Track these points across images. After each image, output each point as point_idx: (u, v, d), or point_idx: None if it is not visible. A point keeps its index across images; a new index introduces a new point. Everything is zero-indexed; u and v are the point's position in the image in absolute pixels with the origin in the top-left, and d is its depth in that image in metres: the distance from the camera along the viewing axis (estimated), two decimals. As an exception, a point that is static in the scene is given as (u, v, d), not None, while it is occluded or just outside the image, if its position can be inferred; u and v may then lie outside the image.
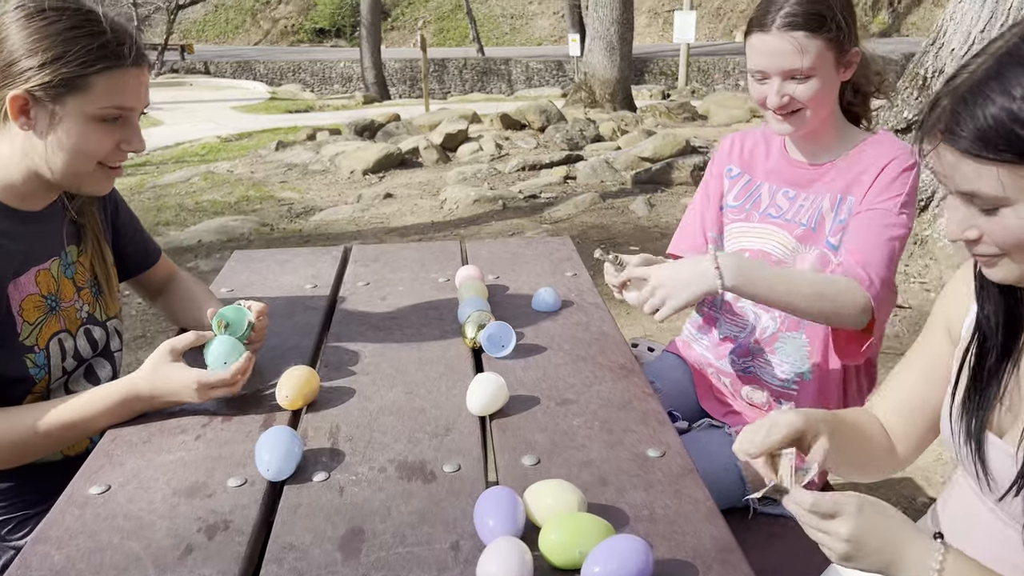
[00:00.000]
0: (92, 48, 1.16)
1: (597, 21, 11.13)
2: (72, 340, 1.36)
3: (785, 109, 1.47)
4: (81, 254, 1.41)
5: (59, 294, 1.34)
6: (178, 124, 12.69)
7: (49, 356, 1.31)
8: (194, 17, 31.56)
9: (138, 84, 1.24)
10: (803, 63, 1.41)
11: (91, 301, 1.42)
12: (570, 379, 1.36)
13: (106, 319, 1.45)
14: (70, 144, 1.19)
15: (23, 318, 1.27)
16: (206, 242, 5.37)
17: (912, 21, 22.50)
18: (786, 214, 1.60)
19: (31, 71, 1.15)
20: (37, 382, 1.30)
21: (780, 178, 1.63)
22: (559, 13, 26.08)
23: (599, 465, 1.11)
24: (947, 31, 4.52)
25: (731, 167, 1.72)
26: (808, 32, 1.40)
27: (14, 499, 1.33)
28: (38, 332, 1.30)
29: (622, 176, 6.73)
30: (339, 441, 1.19)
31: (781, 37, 1.41)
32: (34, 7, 1.17)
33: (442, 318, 1.63)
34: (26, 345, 1.27)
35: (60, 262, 1.35)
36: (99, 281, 1.44)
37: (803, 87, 1.43)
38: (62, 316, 1.35)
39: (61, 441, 1.24)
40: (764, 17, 1.43)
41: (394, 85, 21.94)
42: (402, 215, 5.96)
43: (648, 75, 20.01)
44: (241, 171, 8.16)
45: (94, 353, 1.42)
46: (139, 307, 4.06)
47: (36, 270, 1.30)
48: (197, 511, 1.03)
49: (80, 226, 1.41)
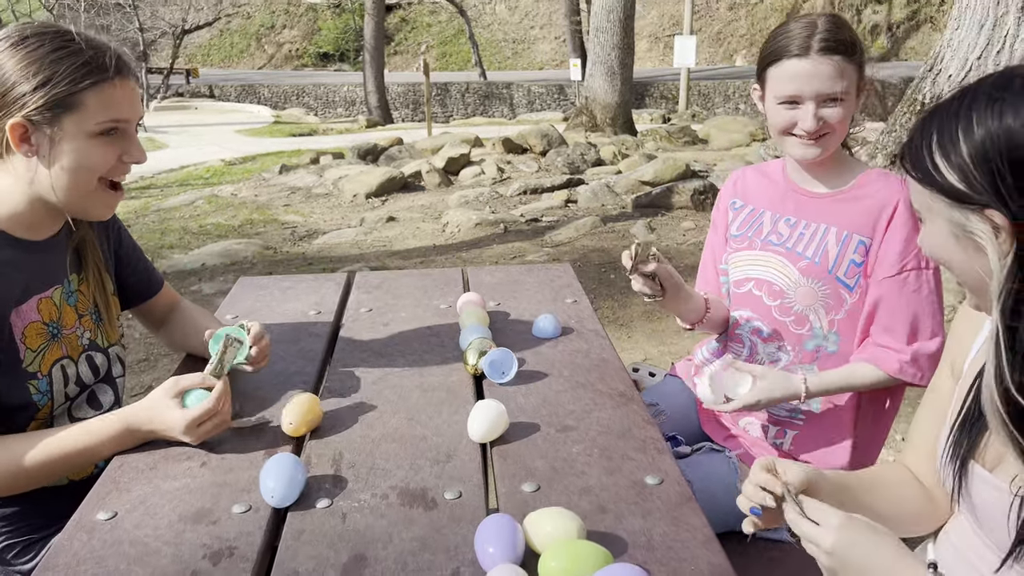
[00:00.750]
0: (77, 66, 1.19)
1: (598, 46, 11.25)
2: (74, 366, 1.39)
3: (817, 133, 1.49)
4: (82, 282, 1.43)
5: (61, 321, 1.36)
6: (183, 147, 12.79)
7: (52, 382, 1.33)
8: (199, 42, 31.87)
9: (127, 95, 1.26)
10: (839, 87, 1.46)
11: (92, 328, 1.44)
12: (570, 406, 1.38)
13: (107, 345, 1.47)
14: (73, 163, 1.22)
15: (26, 345, 1.29)
16: (210, 265, 5.40)
17: (911, 46, 22.68)
18: (787, 242, 1.62)
19: (25, 96, 1.18)
20: (40, 408, 1.32)
21: (781, 206, 1.65)
22: (560, 38, 26.33)
23: (598, 492, 1.13)
24: (944, 57, 4.58)
25: (735, 200, 1.76)
26: (844, 56, 1.46)
27: (19, 524, 1.35)
28: (40, 359, 1.32)
29: (623, 200, 6.77)
30: (342, 468, 1.21)
31: (822, 61, 1.45)
32: (17, 36, 1.21)
33: (444, 345, 1.65)
34: (29, 372, 1.30)
35: (62, 290, 1.38)
36: (99, 309, 1.46)
37: (834, 111, 1.47)
38: (64, 343, 1.37)
39: (63, 470, 1.26)
40: (800, 43, 1.47)
41: (397, 109, 22.11)
42: (404, 238, 6.00)
43: (649, 99, 20.17)
44: (245, 194, 8.22)
45: (96, 379, 1.44)
46: (142, 331, 4.08)
47: (38, 298, 1.33)
48: (202, 537, 1.05)
49: (81, 255, 1.44)
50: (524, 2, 29.29)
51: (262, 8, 32.44)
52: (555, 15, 26.80)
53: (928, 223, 0.94)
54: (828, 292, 1.56)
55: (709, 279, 1.82)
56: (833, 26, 1.47)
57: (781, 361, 1.64)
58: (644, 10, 24.50)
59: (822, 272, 1.56)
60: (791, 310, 1.60)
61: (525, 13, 29.15)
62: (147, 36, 22.42)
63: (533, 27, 28.79)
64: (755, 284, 1.66)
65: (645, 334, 3.90)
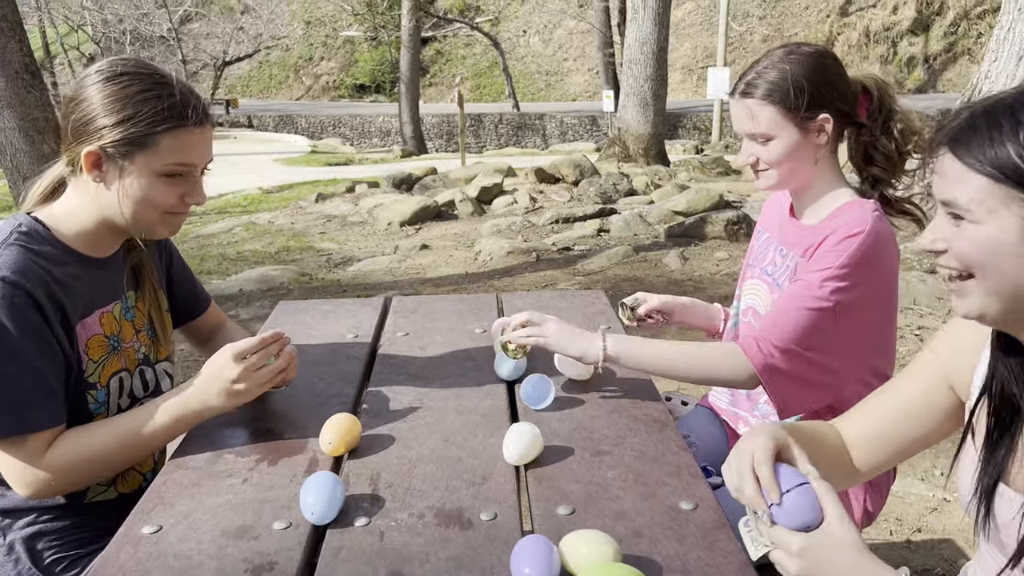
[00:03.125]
0: (160, 109, 1.26)
1: (631, 78, 11.34)
2: (131, 379, 1.45)
3: (753, 167, 1.58)
4: (139, 299, 1.50)
5: (120, 335, 1.43)
6: (222, 176, 13.07)
7: (109, 393, 1.39)
8: (239, 73, 32.66)
9: (201, 142, 1.33)
10: (756, 127, 1.52)
11: (147, 343, 1.51)
12: (604, 431, 1.39)
13: (157, 361, 1.53)
14: (137, 196, 1.30)
15: (88, 356, 1.35)
16: (247, 291, 5.50)
17: (948, 78, 22.50)
18: (776, 272, 1.65)
19: (105, 129, 1.25)
20: (95, 416, 1.37)
21: (781, 235, 1.69)
22: (594, 70, 26.54)
23: (633, 517, 1.13)
24: (982, 89, 4.55)
25: (761, 229, 1.80)
26: (758, 100, 1.51)
27: (68, 538, 1.39)
28: (100, 370, 1.38)
29: (655, 229, 6.78)
30: (380, 487, 1.22)
31: (738, 104, 1.55)
32: (111, 72, 1.28)
33: (479, 369, 1.67)
34: (89, 382, 1.36)
35: (121, 305, 1.44)
36: (155, 325, 1.53)
37: (764, 149, 1.54)
38: (123, 355, 1.43)
39: (134, 454, 1.34)
40: (735, 84, 1.57)
41: (431, 139, 22.41)
42: (437, 266, 6.06)
43: (682, 130, 20.21)
44: (282, 222, 8.37)
45: (145, 393, 1.49)
46: (180, 353, 4.16)
47: (101, 312, 1.39)
48: (244, 552, 1.07)
49: (138, 273, 1.51)
50: (558, 35, 29.62)
51: (301, 41, 33.19)
52: (588, 47, 27.06)
53: (987, 222, 0.84)
54: None
55: None
56: (762, 68, 1.52)
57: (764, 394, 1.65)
58: (677, 42, 24.66)
59: None
60: None
61: (559, 46, 29.47)
62: (189, 68, 23.05)
63: (566, 59, 29.08)
64: (752, 313, 1.71)
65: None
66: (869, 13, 24.04)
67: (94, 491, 1.41)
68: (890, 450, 1.16)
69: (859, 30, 23.72)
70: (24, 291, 1.22)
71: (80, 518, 1.39)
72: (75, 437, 1.29)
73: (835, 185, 1.59)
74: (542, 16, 30.15)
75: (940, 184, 0.88)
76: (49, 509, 1.37)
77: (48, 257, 1.29)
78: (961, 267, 0.88)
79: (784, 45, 1.57)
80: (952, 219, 0.88)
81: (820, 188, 1.58)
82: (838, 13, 24.69)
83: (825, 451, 1.14)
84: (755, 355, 1.45)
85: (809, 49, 1.54)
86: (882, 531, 2.50)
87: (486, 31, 26.19)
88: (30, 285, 1.23)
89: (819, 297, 1.44)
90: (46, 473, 1.25)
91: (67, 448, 1.27)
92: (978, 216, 0.84)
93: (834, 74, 1.53)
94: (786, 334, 1.45)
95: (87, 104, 1.27)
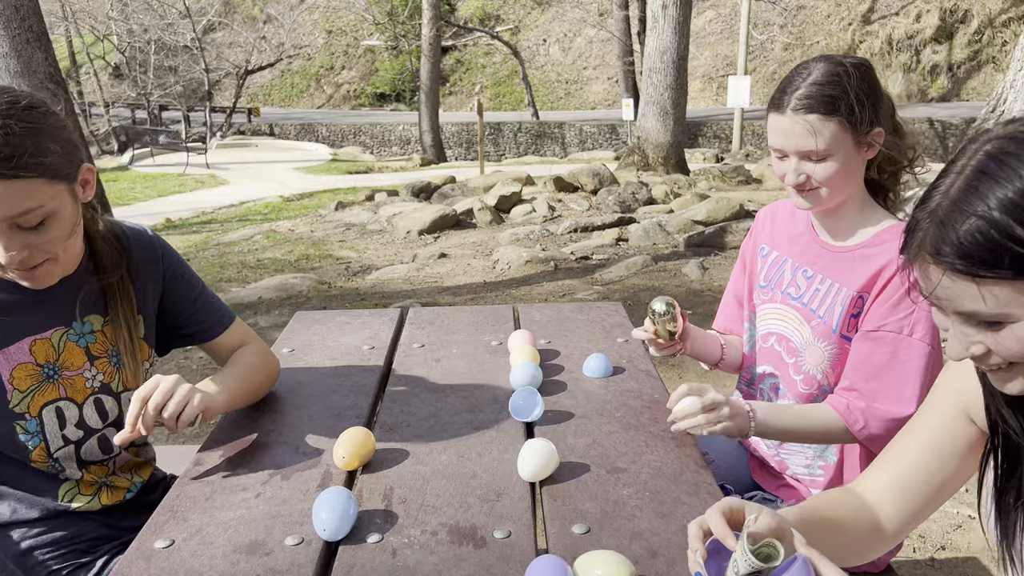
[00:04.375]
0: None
1: (651, 86, 11.31)
2: (77, 409, 1.37)
3: (803, 188, 1.47)
4: (105, 324, 1.42)
5: (60, 363, 1.36)
6: (243, 184, 13.18)
7: (43, 424, 1.34)
8: (261, 82, 32.98)
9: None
10: (817, 145, 1.41)
11: (109, 370, 1.42)
12: (621, 447, 1.37)
13: (122, 390, 1.43)
14: None
15: (13, 386, 1.30)
16: (266, 299, 5.53)
17: (972, 86, 22.26)
18: (803, 297, 1.58)
19: None
20: (32, 449, 1.32)
21: (802, 255, 1.61)
22: (613, 78, 26.53)
23: (649, 537, 1.12)
24: (1007, 99, 4.49)
25: (763, 246, 1.72)
26: (821, 115, 1.40)
27: (60, 550, 1.37)
28: (30, 399, 1.32)
29: (675, 239, 6.74)
30: (393, 503, 1.21)
31: (794, 119, 1.42)
32: None
33: (495, 382, 1.65)
34: (16, 412, 1.31)
35: (65, 332, 1.37)
36: (120, 352, 1.43)
37: (820, 167, 1.43)
38: (62, 384, 1.36)
39: None
40: (780, 98, 1.45)
41: (451, 148, 22.48)
42: (455, 275, 6.06)
43: (702, 138, 20.13)
44: (302, 230, 8.42)
45: (105, 423, 1.41)
46: (199, 360, 4.18)
47: (32, 339, 1.33)
48: (256, 568, 1.07)
49: (108, 297, 1.42)
50: (578, 43, 29.66)
51: (322, 50, 33.46)
52: (608, 56, 27.06)
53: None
54: (834, 351, 1.52)
55: (729, 314, 1.80)
56: (816, 80, 1.41)
57: None
58: (697, 51, 24.58)
59: (828, 332, 1.52)
60: (801, 368, 1.58)
61: (578, 54, 29.49)
62: (212, 76, 23.31)
63: (586, 68, 29.09)
64: (776, 339, 1.64)
65: (697, 375, 3.85)
66: (892, 21, 23.84)
67: (77, 500, 1.38)
68: (920, 500, 1.09)
69: (882, 38, 23.52)
70: None
71: (70, 530, 1.37)
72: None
73: (867, 203, 1.53)
74: (562, 25, 30.20)
75: (948, 298, 0.82)
76: (35, 522, 1.35)
77: None
78: (1007, 361, 0.84)
79: (824, 57, 1.47)
80: (985, 326, 0.83)
81: (856, 207, 1.52)
82: (860, 21, 24.51)
83: (842, 529, 1.08)
84: (852, 425, 1.45)
85: (854, 60, 1.45)
86: (905, 549, 2.45)
87: (506, 40, 26.27)
88: None
89: (917, 344, 1.41)
90: None
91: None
92: (1017, 315, 0.80)
93: (880, 87, 1.47)
94: (887, 398, 1.42)
95: None
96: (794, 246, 1.64)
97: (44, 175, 1.17)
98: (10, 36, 5.26)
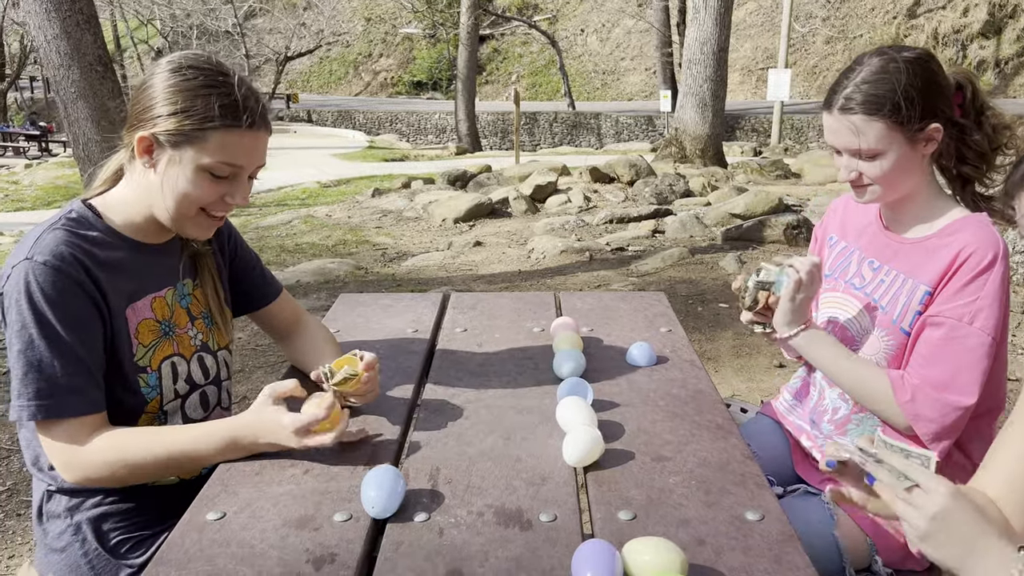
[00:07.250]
0: (214, 107, 1.27)
1: (691, 78, 11.20)
2: (186, 365, 1.46)
3: (856, 183, 1.48)
4: (196, 287, 1.52)
5: (173, 320, 1.45)
6: (282, 169, 13.31)
7: (161, 377, 1.41)
8: (300, 69, 33.25)
9: (251, 146, 1.33)
10: (861, 144, 1.42)
11: (205, 330, 1.52)
12: (666, 436, 1.37)
13: (217, 349, 1.54)
14: (179, 188, 1.31)
15: (138, 340, 1.37)
16: (304, 283, 5.59)
17: (1020, 83, 21.70)
18: (867, 287, 1.57)
19: (160, 118, 1.28)
20: (149, 401, 1.39)
21: (869, 246, 1.60)
22: (651, 69, 26.31)
23: (696, 525, 1.11)
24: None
25: (832, 236, 1.72)
26: (865, 115, 1.40)
27: (134, 519, 1.41)
28: (151, 354, 1.40)
29: (712, 232, 6.68)
30: (439, 483, 1.22)
31: (840, 119, 1.43)
32: (178, 64, 1.31)
33: (537, 367, 1.66)
34: (139, 365, 1.37)
35: (175, 292, 1.46)
36: (212, 313, 1.54)
37: (870, 165, 1.44)
38: (176, 341, 1.45)
39: (166, 471, 1.32)
40: (831, 97, 1.46)
41: (486, 137, 22.49)
42: (490, 263, 6.07)
43: (740, 131, 19.91)
44: (339, 216, 8.49)
45: (206, 380, 1.51)
46: (239, 341, 4.24)
47: (152, 296, 1.41)
48: (305, 543, 1.08)
49: (196, 263, 1.53)
50: (616, 34, 29.44)
51: (361, 38, 33.62)
52: (646, 47, 26.83)
53: None
54: (892, 344, 1.50)
55: None
56: (864, 79, 1.40)
57: (841, 410, 1.60)
58: (737, 43, 24.26)
59: (888, 322, 1.50)
60: None
61: (616, 45, 29.28)
62: (252, 62, 23.54)
63: (624, 58, 28.87)
64: (835, 327, 1.62)
65: (733, 369, 3.82)
66: (938, 15, 23.31)
67: None
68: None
69: (927, 32, 23.01)
70: (64, 275, 1.24)
71: (144, 501, 1.41)
72: (123, 440, 1.28)
73: (938, 196, 1.51)
74: (600, 15, 29.99)
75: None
76: (114, 491, 1.40)
77: (94, 241, 1.31)
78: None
79: (879, 51, 1.45)
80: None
81: (923, 199, 1.50)
82: (906, 15, 24.00)
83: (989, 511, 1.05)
84: (906, 405, 1.42)
85: (910, 54, 1.43)
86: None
87: (544, 29, 26.16)
88: (69, 268, 1.25)
89: (969, 335, 1.38)
90: (86, 463, 1.26)
91: (113, 446, 1.27)
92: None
93: (940, 79, 1.44)
94: (944, 385, 1.39)
95: (149, 92, 1.29)
96: (862, 237, 1.63)
97: None
98: (61, 18, 5.36)
